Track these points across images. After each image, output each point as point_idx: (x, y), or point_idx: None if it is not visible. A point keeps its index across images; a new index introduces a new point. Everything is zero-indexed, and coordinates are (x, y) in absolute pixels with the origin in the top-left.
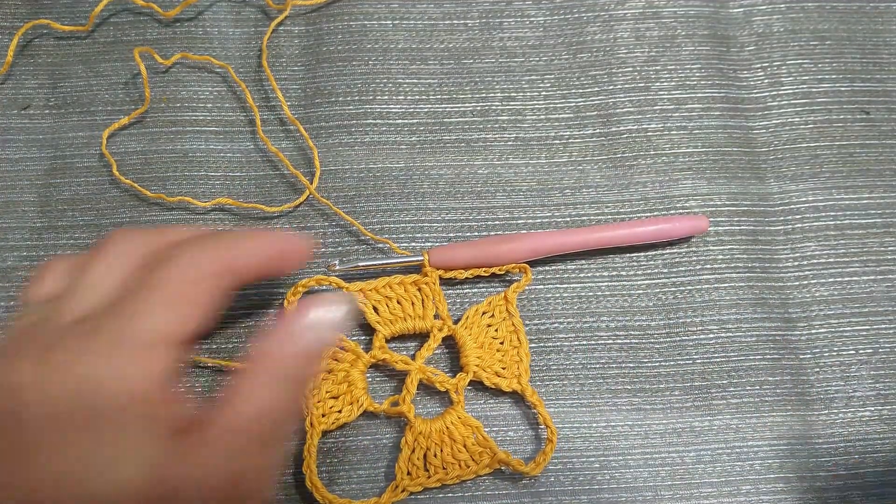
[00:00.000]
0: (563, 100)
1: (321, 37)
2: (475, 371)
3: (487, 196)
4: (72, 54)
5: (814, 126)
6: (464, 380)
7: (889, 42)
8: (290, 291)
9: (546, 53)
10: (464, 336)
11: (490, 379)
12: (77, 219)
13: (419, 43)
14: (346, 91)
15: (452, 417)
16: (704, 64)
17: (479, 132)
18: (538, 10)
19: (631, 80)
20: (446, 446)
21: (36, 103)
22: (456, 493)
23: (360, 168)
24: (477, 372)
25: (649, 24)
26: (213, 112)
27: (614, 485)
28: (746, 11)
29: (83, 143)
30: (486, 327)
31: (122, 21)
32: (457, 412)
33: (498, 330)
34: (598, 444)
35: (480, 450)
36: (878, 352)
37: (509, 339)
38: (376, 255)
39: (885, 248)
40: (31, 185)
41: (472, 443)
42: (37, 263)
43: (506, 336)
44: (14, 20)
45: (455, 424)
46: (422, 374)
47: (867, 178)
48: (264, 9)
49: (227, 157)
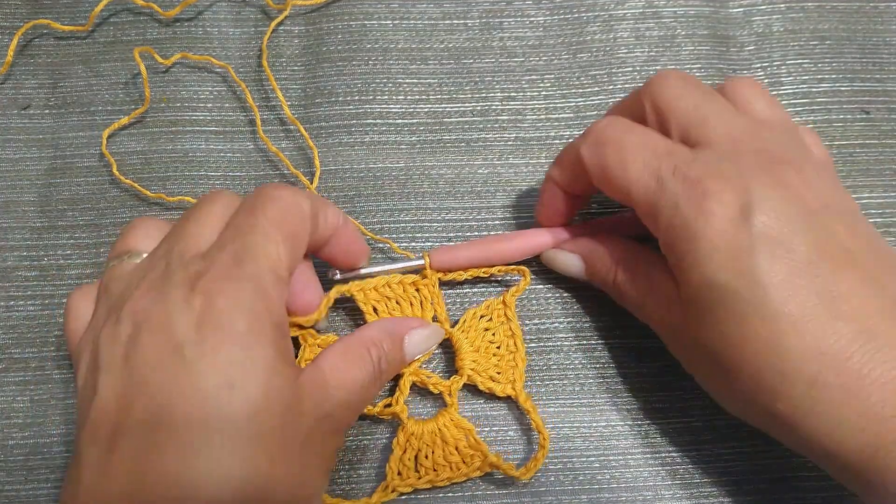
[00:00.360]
0: (563, 100)
1: (321, 36)
2: (469, 375)
3: (487, 196)
4: (72, 54)
5: (814, 126)
6: (457, 383)
7: (889, 42)
8: (324, 303)
9: (546, 53)
10: (460, 339)
11: (484, 383)
12: (77, 218)
13: (419, 43)
14: (346, 91)
15: (445, 420)
16: (704, 64)
17: (479, 132)
18: (538, 10)
19: (631, 80)
20: (438, 448)
21: (36, 103)
22: (456, 492)
23: (360, 168)
24: (471, 376)
25: (649, 23)
26: (213, 112)
27: (614, 484)
28: (746, 11)
29: (83, 143)
30: (483, 331)
31: (122, 21)
32: (450, 414)
33: (495, 334)
34: (598, 443)
35: (472, 452)
36: None
37: (506, 343)
38: (376, 261)
39: None
40: (32, 184)
41: (463, 445)
42: (36, 263)
43: (503, 340)
44: (14, 20)
45: (447, 427)
46: (415, 376)
47: (867, 178)
48: (264, 9)
49: (227, 157)
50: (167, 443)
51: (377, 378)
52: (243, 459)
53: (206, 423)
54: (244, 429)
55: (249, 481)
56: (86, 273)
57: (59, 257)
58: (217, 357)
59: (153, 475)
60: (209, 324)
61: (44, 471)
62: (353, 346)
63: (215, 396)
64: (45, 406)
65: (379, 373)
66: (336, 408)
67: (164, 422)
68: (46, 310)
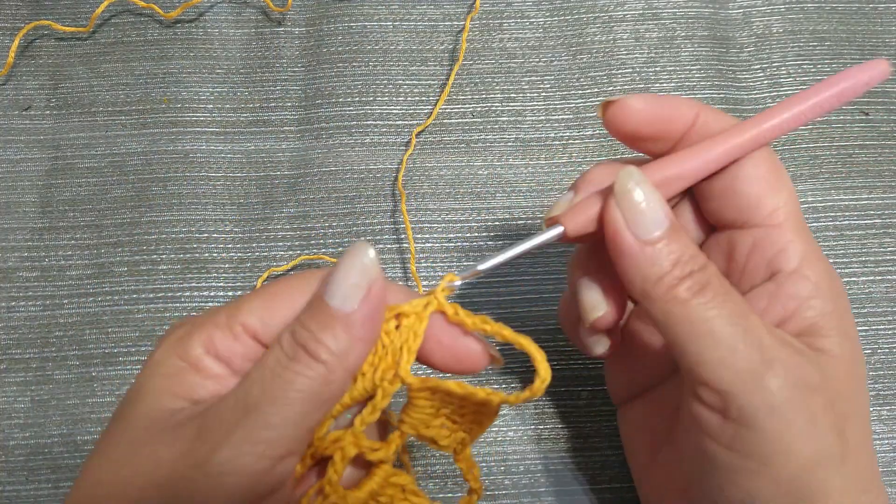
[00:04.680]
0: (562, 101)
1: (322, 38)
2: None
3: (487, 196)
4: (73, 55)
5: (813, 127)
6: (396, 442)
7: (888, 43)
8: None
9: (546, 54)
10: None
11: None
12: (78, 219)
13: (419, 44)
14: (347, 92)
15: (378, 479)
16: (704, 65)
17: (479, 132)
18: (538, 12)
19: (630, 82)
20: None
21: (37, 104)
22: (455, 493)
23: (360, 168)
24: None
25: (649, 25)
26: (213, 112)
27: (615, 484)
28: (745, 12)
29: (84, 144)
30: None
31: (122, 22)
32: (383, 472)
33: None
34: (599, 443)
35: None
36: (876, 352)
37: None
38: (498, 252)
39: (883, 249)
40: (33, 185)
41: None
42: (37, 264)
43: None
44: (15, 21)
45: (382, 488)
46: (356, 446)
47: (866, 179)
48: (264, 10)
49: (227, 157)
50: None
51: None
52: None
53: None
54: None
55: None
56: (87, 273)
57: (60, 258)
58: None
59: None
60: None
61: (45, 471)
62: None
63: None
64: (45, 406)
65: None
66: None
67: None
68: (47, 310)
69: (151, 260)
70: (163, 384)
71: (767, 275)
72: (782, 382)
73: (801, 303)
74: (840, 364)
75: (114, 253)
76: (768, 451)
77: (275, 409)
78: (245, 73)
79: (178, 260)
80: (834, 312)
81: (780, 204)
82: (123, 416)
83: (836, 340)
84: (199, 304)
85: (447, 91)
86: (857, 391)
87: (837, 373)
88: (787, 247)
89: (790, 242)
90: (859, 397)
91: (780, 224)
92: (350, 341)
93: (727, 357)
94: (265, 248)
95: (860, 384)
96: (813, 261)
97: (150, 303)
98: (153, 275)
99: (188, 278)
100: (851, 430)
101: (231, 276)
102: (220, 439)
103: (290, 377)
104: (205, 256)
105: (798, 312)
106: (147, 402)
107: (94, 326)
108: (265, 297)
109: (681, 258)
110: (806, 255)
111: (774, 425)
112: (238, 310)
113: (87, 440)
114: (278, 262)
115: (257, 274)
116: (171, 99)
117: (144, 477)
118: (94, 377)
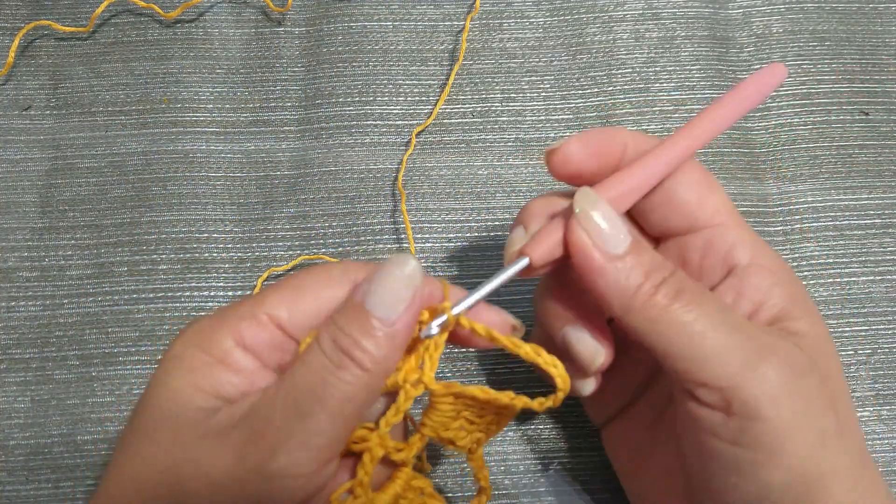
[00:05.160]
0: (562, 101)
1: (322, 38)
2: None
3: (487, 196)
4: (73, 55)
5: (813, 127)
6: (417, 445)
7: (888, 43)
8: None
9: (546, 54)
10: (442, 403)
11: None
12: (78, 219)
13: (419, 44)
14: (347, 92)
15: (401, 482)
16: (704, 65)
17: (479, 132)
18: (538, 12)
19: (630, 82)
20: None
21: (37, 104)
22: (455, 493)
23: (360, 168)
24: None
25: (648, 25)
26: (213, 112)
27: (615, 483)
28: (745, 12)
29: (84, 144)
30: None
31: (122, 22)
32: (405, 475)
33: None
34: (598, 443)
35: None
36: (876, 352)
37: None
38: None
39: (883, 249)
40: (33, 185)
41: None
42: (38, 264)
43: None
44: (15, 21)
45: (405, 490)
46: (383, 447)
47: (866, 179)
48: (264, 10)
49: (227, 157)
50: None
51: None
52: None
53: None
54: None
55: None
56: (87, 273)
57: (60, 258)
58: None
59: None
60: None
61: (45, 471)
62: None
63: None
64: (45, 406)
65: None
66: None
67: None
68: (47, 310)
69: (151, 260)
70: (187, 379)
71: (724, 271)
72: (778, 369)
73: (765, 291)
74: (816, 343)
75: (114, 253)
76: (775, 439)
77: (325, 415)
78: (245, 73)
79: (178, 260)
80: (797, 294)
81: (718, 203)
82: (150, 412)
83: (806, 321)
84: (199, 304)
85: (447, 91)
86: (837, 367)
87: (818, 352)
88: (737, 242)
89: (739, 237)
90: (840, 373)
91: (723, 221)
92: (392, 349)
93: (721, 354)
94: (265, 248)
95: (837, 360)
96: (762, 250)
97: (150, 303)
98: (153, 275)
99: (188, 278)
100: (841, 406)
101: (231, 276)
102: (275, 445)
103: (338, 384)
104: (205, 256)
105: (765, 301)
106: (174, 399)
107: (94, 326)
108: (290, 289)
109: (651, 268)
110: (755, 246)
111: (778, 413)
112: (262, 301)
113: (88, 440)
114: (278, 262)
115: (257, 274)
116: (171, 99)
117: (198, 480)
118: (94, 377)
